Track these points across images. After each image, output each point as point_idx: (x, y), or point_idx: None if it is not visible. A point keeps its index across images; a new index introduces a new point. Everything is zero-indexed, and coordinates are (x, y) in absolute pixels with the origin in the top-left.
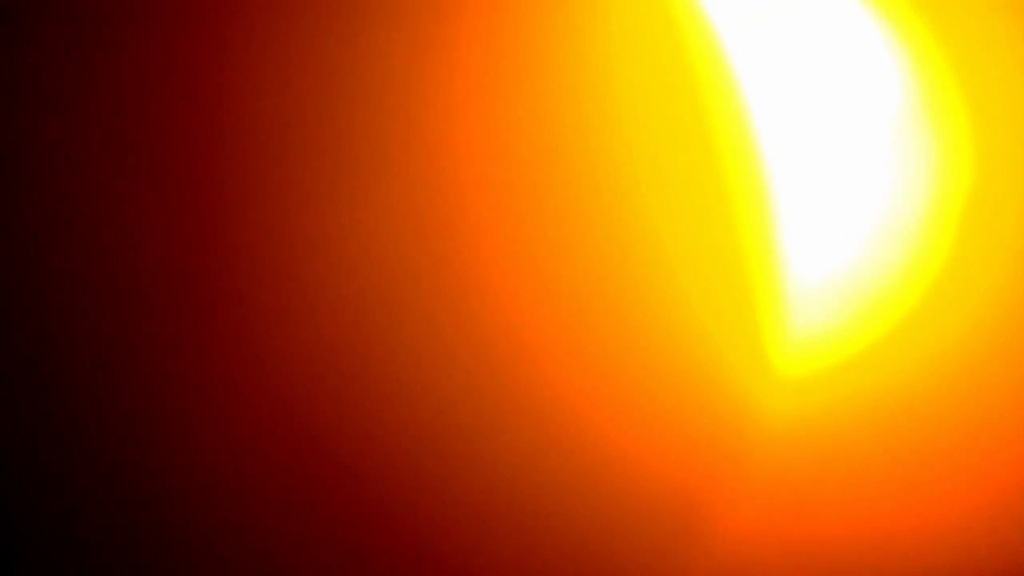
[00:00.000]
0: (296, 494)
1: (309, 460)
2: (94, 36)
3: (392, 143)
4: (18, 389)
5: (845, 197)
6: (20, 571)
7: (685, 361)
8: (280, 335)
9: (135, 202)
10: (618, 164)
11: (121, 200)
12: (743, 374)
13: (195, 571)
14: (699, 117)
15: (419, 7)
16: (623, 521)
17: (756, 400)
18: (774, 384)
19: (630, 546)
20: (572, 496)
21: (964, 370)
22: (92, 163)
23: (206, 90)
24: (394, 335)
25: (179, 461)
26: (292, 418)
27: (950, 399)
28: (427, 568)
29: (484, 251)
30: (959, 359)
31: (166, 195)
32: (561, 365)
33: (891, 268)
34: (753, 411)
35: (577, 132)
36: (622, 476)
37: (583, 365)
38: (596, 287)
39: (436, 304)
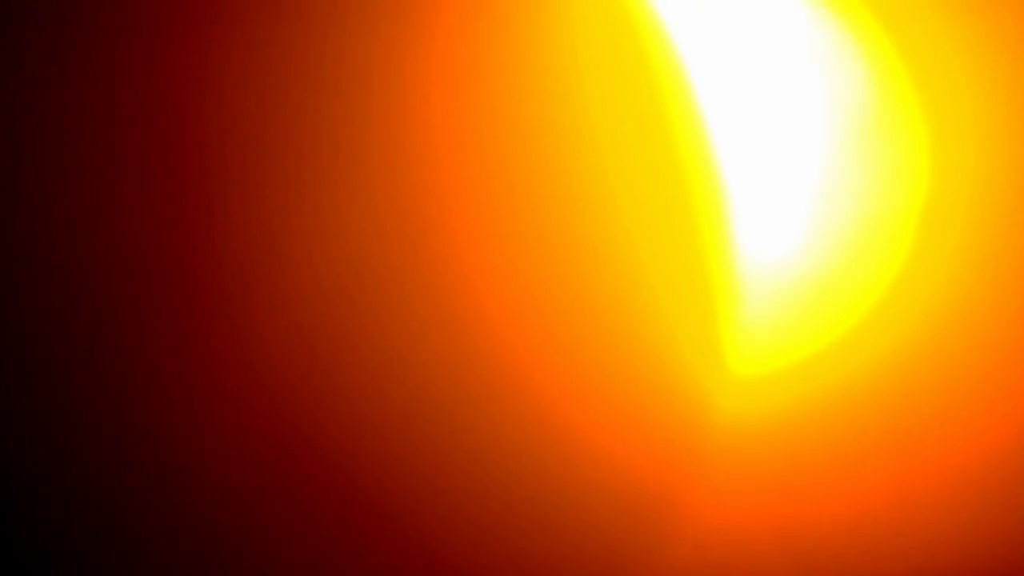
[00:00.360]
0: (282, 491)
1: (294, 457)
2: (79, 39)
3: (371, 142)
4: (6, 388)
5: (802, 199)
6: (10, 570)
7: (645, 360)
8: (263, 334)
9: (118, 200)
10: (583, 166)
11: (104, 199)
12: (701, 373)
13: (184, 569)
14: (660, 120)
15: (396, 9)
16: (590, 511)
17: (714, 399)
18: (731, 383)
19: (597, 536)
20: (542, 485)
21: (919, 369)
22: (78, 163)
23: (187, 90)
24: (374, 328)
25: (166, 460)
26: (277, 417)
27: (905, 397)
28: (401, 559)
29: (460, 247)
30: (914, 359)
31: (147, 192)
32: (528, 358)
33: (847, 270)
34: (711, 409)
35: (547, 133)
36: (586, 468)
37: (550, 360)
38: (565, 288)
39: (415, 298)
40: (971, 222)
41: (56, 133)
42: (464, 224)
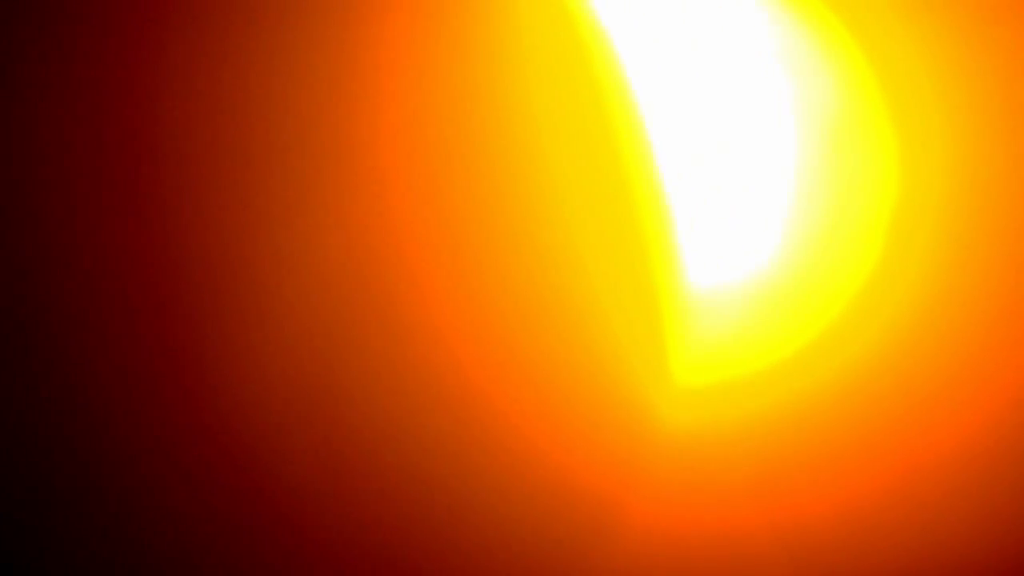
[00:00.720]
0: (239, 497)
1: (254, 469)
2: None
3: (320, 144)
4: None
5: (761, 207)
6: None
7: (590, 369)
8: (206, 337)
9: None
10: (531, 172)
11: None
12: (646, 383)
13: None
14: (607, 127)
15: (344, 12)
16: (533, 516)
17: (658, 408)
18: (675, 393)
19: (540, 540)
20: (488, 490)
21: (880, 382)
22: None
23: (132, 94)
24: (319, 336)
25: (135, 479)
26: (221, 419)
27: (864, 409)
28: (343, 561)
29: (407, 249)
30: (876, 372)
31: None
32: (475, 365)
33: (808, 281)
34: (655, 419)
35: (496, 141)
36: (529, 473)
37: (495, 366)
38: (510, 294)
39: (362, 308)
40: (938, 231)
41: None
42: (411, 226)
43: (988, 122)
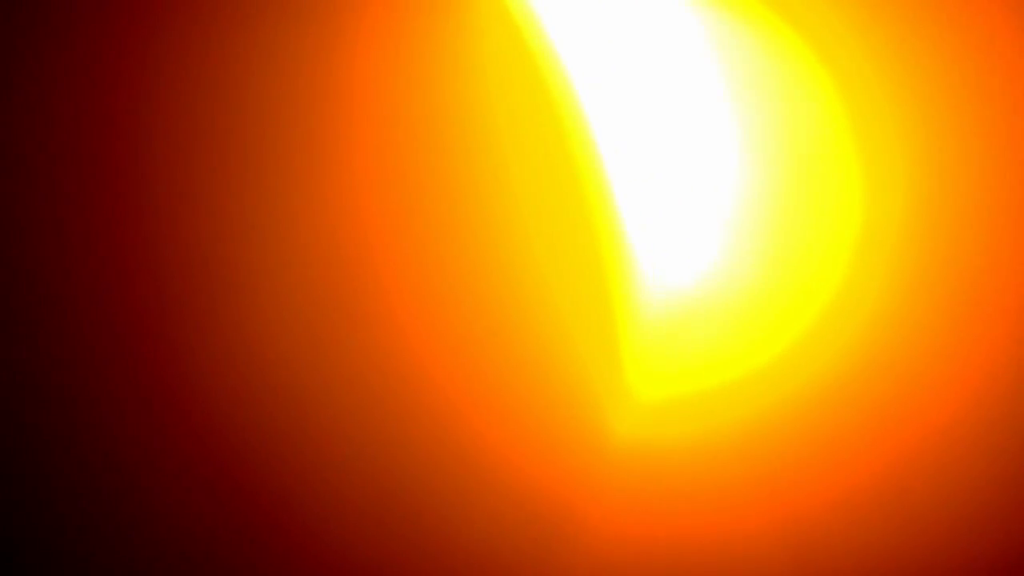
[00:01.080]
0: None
1: (195, 456)
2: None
3: (290, 147)
4: None
5: (715, 221)
6: None
7: (547, 378)
8: (180, 335)
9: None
10: (490, 182)
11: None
12: (603, 396)
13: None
14: (565, 141)
15: (316, 13)
16: (491, 522)
17: (614, 421)
18: (633, 406)
19: (499, 546)
20: (443, 498)
21: (841, 399)
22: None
23: (104, 87)
24: (281, 328)
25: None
26: (182, 408)
27: (810, 425)
28: (300, 563)
29: (370, 249)
30: (837, 390)
31: (59, 191)
32: (435, 370)
33: (771, 297)
34: (611, 431)
35: (455, 148)
36: (488, 479)
37: (455, 370)
38: (468, 301)
39: (323, 296)
40: (902, 242)
41: None
42: (374, 227)
43: (948, 136)
